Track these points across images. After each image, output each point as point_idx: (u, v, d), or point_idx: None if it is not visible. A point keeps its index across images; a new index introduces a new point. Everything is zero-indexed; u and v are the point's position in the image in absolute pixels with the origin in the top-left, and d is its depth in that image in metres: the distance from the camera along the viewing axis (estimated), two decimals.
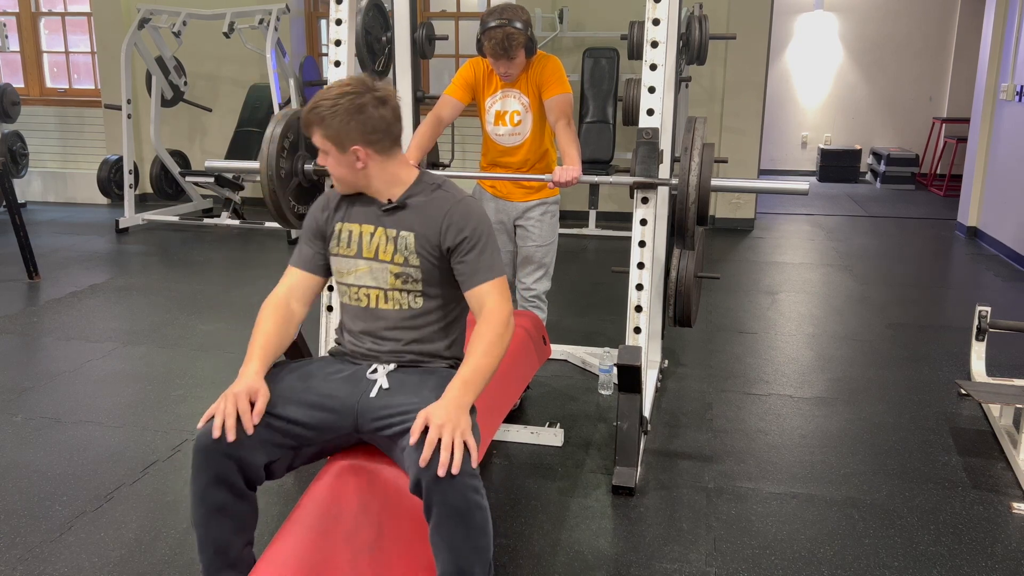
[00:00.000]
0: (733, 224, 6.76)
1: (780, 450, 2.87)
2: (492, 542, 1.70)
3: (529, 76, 2.98)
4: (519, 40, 2.83)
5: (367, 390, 1.83)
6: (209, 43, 6.96)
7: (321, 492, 1.82)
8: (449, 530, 1.64)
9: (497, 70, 2.93)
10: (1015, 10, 5.87)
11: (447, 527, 1.64)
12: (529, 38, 2.88)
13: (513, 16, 2.83)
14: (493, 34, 2.81)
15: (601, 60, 6.19)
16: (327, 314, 2.86)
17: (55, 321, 4.19)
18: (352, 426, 1.82)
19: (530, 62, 2.98)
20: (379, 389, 1.83)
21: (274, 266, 5.42)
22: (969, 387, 3.08)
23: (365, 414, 1.81)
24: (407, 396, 1.80)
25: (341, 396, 1.83)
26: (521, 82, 2.99)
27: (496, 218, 3.17)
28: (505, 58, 2.86)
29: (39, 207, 7.39)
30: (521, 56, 2.89)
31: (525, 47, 2.88)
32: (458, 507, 1.63)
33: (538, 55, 3.01)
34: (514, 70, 2.93)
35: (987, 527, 2.39)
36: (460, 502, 1.63)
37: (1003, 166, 5.99)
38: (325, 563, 1.76)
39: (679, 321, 3.12)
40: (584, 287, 4.78)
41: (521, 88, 2.99)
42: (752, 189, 3.11)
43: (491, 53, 2.86)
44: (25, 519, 2.37)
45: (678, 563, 2.19)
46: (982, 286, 5.13)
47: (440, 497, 1.62)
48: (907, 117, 9.45)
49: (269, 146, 2.70)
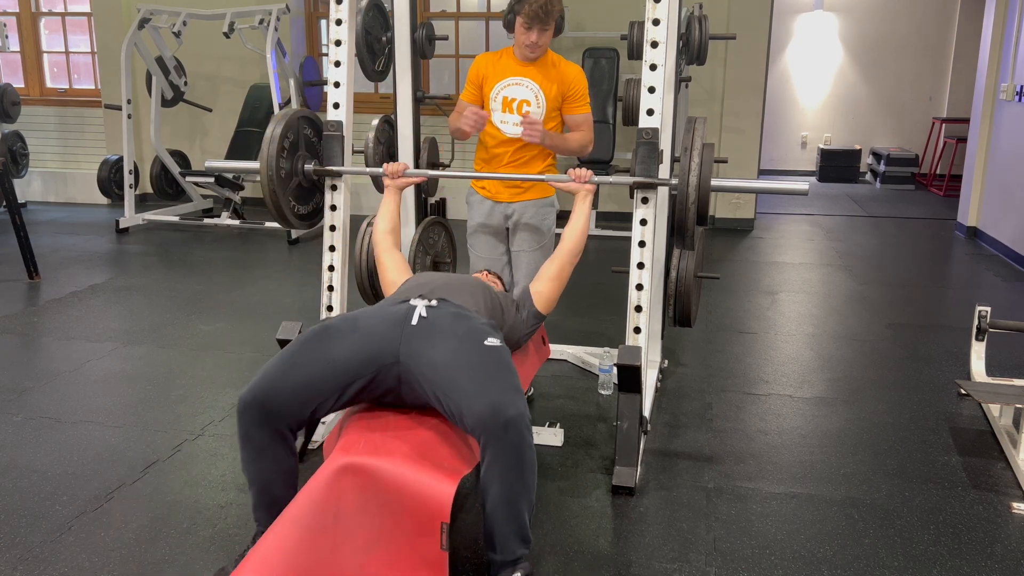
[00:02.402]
0: (733, 224, 6.76)
1: (780, 450, 2.87)
2: (536, 484, 1.96)
3: (553, 74, 2.95)
4: (557, 8, 2.83)
5: (408, 317, 2.07)
6: (209, 43, 6.96)
7: (318, 490, 1.82)
8: (504, 465, 1.87)
9: (527, 39, 2.86)
10: (1015, 10, 5.87)
11: (502, 462, 1.87)
12: (562, 14, 2.89)
13: None
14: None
15: (601, 60, 6.19)
16: (327, 314, 2.86)
17: (55, 321, 4.19)
18: (394, 355, 2.00)
19: (553, 59, 2.97)
20: (419, 317, 2.07)
21: (274, 266, 5.42)
22: (969, 387, 3.08)
23: (408, 343, 2.01)
24: (451, 323, 2.07)
25: (384, 329, 2.05)
26: (542, 76, 2.94)
27: (485, 220, 3.12)
28: (540, 25, 2.82)
29: (39, 207, 7.39)
30: (551, 29, 2.88)
31: (557, 22, 2.88)
32: (516, 444, 1.86)
33: (564, 60, 3.00)
34: (544, 41, 2.88)
35: (987, 527, 2.39)
36: (518, 439, 1.87)
37: (1003, 166, 5.99)
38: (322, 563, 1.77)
39: (679, 321, 3.12)
40: (584, 287, 4.78)
41: (539, 82, 2.95)
42: (752, 189, 3.11)
43: (528, 17, 2.80)
44: (25, 519, 2.37)
45: (678, 563, 2.19)
46: (982, 286, 5.13)
47: (501, 434, 1.85)
48: (907, 117, 9.45)
49: (269, 146, 2.70)
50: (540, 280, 2.50)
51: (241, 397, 1.96)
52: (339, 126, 2.81)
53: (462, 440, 2.04)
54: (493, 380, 1.94)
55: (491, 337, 2.08)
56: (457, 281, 2.38)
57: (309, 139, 2.87)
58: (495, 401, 1.87)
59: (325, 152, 2.84)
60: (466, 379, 1.94)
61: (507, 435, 1.86)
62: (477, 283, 2.42)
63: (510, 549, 1.94)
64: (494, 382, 1.94)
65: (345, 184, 2.88)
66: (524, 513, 1.94)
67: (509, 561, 1.94)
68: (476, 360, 1.99)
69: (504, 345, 2.11)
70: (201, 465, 2.71)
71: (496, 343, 2.07)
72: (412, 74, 3.34)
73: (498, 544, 1.94)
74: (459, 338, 2.04)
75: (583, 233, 2.52)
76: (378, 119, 3.32)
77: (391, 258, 2.59)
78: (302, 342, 2.07)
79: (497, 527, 1.92)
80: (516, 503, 1.91)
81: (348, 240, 2.93)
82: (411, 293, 2.24)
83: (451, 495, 1.82)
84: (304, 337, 2.10)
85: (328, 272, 2.86)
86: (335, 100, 2.83)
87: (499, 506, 1.90)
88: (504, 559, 1.94)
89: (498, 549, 1.94)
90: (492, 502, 1.91)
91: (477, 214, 3.15)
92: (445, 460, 1.93)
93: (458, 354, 1.99)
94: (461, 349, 2.00)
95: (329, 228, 2.88)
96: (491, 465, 1.88)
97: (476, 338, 2.05)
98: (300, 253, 5.80)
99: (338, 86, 2.82)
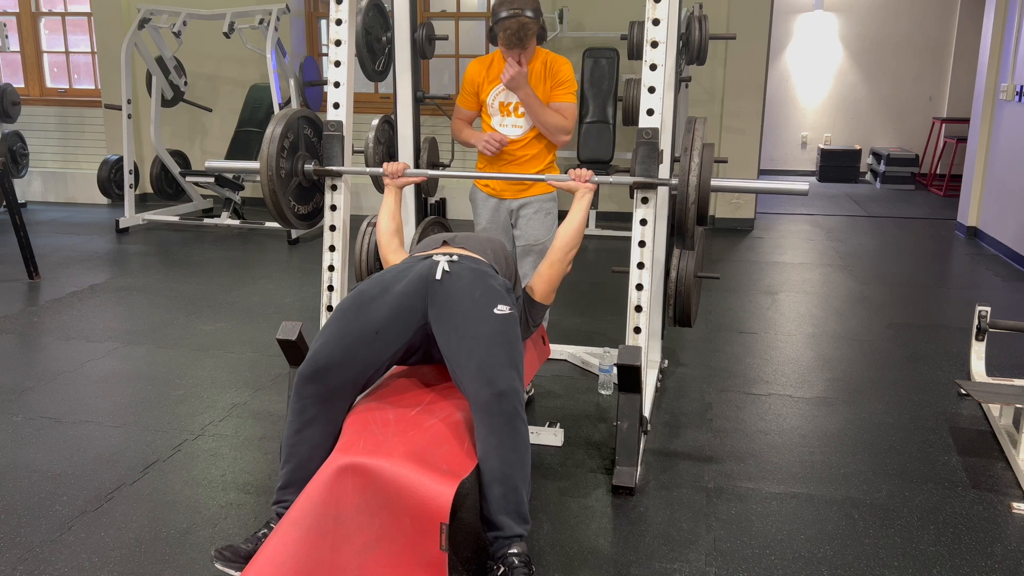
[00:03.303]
0: (733, 224, 6.76)
1: (780, 450, 2.87)
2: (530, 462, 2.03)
3: (543, 73, 3.01)
4: (532, 30, 2.89)
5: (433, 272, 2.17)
6: (209, 43, 6.96)
7: (318, 491, 1.82)
8: (499, 438, 1.96)
9: (509, 57, 2.95)
10: (1015, 10, 5.87)
11: (497, 435, 1.96)
12: (541, 26, 2.94)
13: (524, 5, 2.88)
14: (507, 24, 2.85)
15: (601, 60, 6.18)
16: (327, 314, 2.86)
17: (55, 321, 4.19)
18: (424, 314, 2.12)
19: (543, 59, 3.02)
20: (442, 271, 2.16)
21: (274, 266, 5.42)
22: (969, 387, 3.07)
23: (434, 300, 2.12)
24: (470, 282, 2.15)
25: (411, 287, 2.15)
26: (532, 77, 3.00)
27: (493, 216, 3.20)
28: (519, 47, 2.90)
29: (39, 207, 7.40)
30: (533, 44, 2.95)
31: (537, 35, 2.94)
32: (509, 415, 1.97)
33: (551, 54, 3.04)
34: (526, 58, 2.95)
35: (987, 527, 2.39)
36: (510, 411, 1.97)
37: (1003, 166, 5.99)
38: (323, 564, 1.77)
39: (679, 321, 3.12)
40: (584, 287, 4.78)
41: (531, 83, 2.99)
42: (752, 189, 3.11)
43: (505, 44, 2.90)
44: (25, 519, 2.37)
45: (678, 563, 2.19)
46: (982, 286, 5.12)
47: (494, 406, 1.95)
48: (907, 117, 9.45)
49: (269, 146, 2.70)
50: (534, 277, 2.51)
51: (300, 372, 2.06)
52: (339, 126, 2.81)
53: (462, 440, 2.04)
54: (494, 354, 2.03)
55: (502, 304, 2.15)
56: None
57: (309, 139, 2.87)
58: (491, 375, 1.98)
59: (325, 152, 2.84)
60: (469, 349, 2.04)
61: (499, 407, 1.96)
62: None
63: (508, 525, 1.98)
64: (495, 356, 2.03)
65: (345, 184, 2.88)
66: (521, 490, 2.00)
67: (505, 537, 1.99)
68: (483, 331, 2.07)
69: (513, 312, 2.19)
70: (201, 465, 2.71)
71: (506, 310, 2.15)
72: (412, 74, 3.34)
73: (496, 520, 1.99)
74: (475, 300, 2.12)
75: (578, 231, 2.53)
76: (378, 119, 3.32)
77: (399, 259, 2.61)
78: (343, 315, 2.15)
79: (494, 503, 1.98)
80: (511, 477, 1.98)
81: (348, 240, 2.93)
82: (433, 244, 2.38)
83: (451, 496, 1.82)
84: (343, 307, 2.18)
85: (328, 272, 2.87)
86: (335, 100, 2.83)
87: (495, 482, 1.97)
88: (500, 535, 1.99)
89: (496, 525, 1.99)
90: (488, 477, 1.98)
91: (483, 211, 3.23)
92: (445, 461, 1.93)
93: (469, 320, 2.08)
94: (473, 314, 2.10)
95: (329, 228, 2.88)
96: (486, 439, 1.98)
97: (489, 302, 2.13)
98: (300, 253, 5.80)
99: (338, 86, 2.82)
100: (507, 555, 1.97)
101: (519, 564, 1.95)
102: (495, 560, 1.99)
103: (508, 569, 1.95)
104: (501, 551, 1.98)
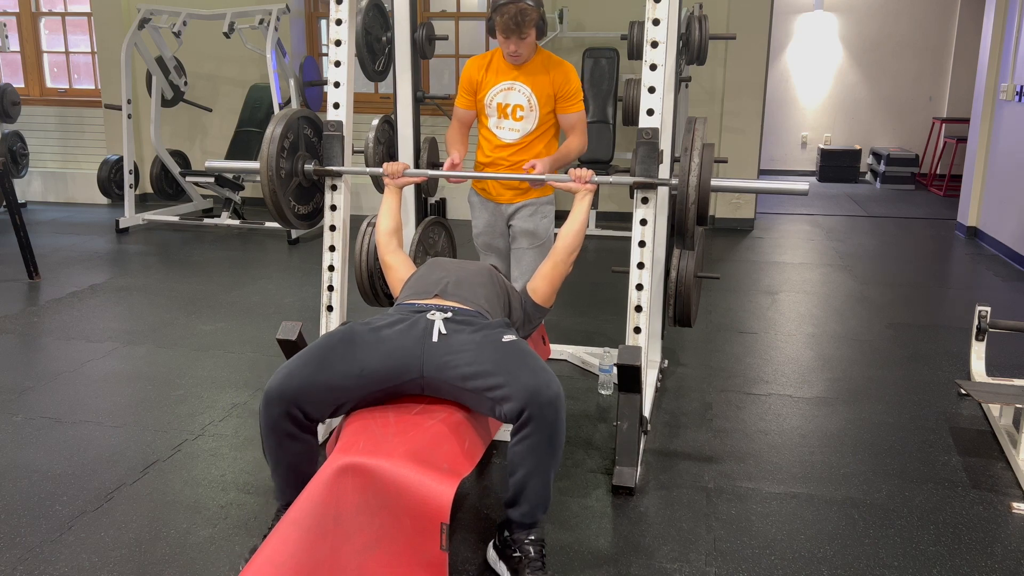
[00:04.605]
0: (733, 224, 6.76)
1: (780, 450, 2.87)
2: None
3: (544, 75, 2.94)
4: (531, 17, 2.80)
5: (428, 333, 2.12)
6: (209, 43, 6.96)
7: (318, 491, 1.82)
8: (538, 439, 1.99)
9: (506, 49, 2.88)
10: (1015, 10, 5.87)
11: (537, 437, 1.99)
12: (541, 16, 2.85)
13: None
14: (505, 9, 2.77)
15: (601, 60, 6.19)
16: (327, 314, 2.86)
17: (55, 321, 4.19)
18: (419, 370, 2.08)
19: (543, 58, 2.96)
20: (438, 333, 2.12)
21: (274, 266, 5.42)
22: (969, 387, 3.07)
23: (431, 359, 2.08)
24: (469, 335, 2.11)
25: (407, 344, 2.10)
26: (532, 79, 2.95)
27: (489, 220, 3.18)
28: (516, 35, 2.81)
29: (39, 207, 7.39)
30: (532, 35, 2.86)
31: (536, 26, 2.84)
32: (552, 420, 2.00)
33: (555, 58, 2.99)
34: (524, 50, 2.88)
35: (987, 527, 2.39)
36: (554, 416, 2.00)
37: (1003, 166, 5.99)
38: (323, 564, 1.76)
39: (679, 321, 3.12)
40: (584, 287, 4.78)
41: (530, 85, 2.95)
42: (752, 189, 3.11)
43: (502, 30, 2.81)
44: (25, 519, 2.37)
45: (678, 563, 2.19)
46: (982, 286, 5.13)
47: (539, 413, 1.97)
48: (907, 117, 9.45)
49: (269, 146, 2.70)
50: (536, 278, 2.52)
51: (268, 391, 2.01)
52: (339, 126, 2.81)
53: (462, 440, 2.04)
54: (523, 366, 2.05)
55: (507, 334, 2.17)
56: (468, 275, 2.42)
57: (309, 139, 2.87)
58: (532, 384, 1.99)
59: (325, 152, 2.84)
60: (498, 373, 2.03)
61: (545, 413, 1.99)
62: (489, 274, 2.47)
63: (532, 514, 2.07)
64: (525, 368, 2.05)
65: (345, 184, 2.88)
66: (551, 483, 2.07)
67: (527, 524, 2.08)
68: (500, 356, 2.08)
69: (520, 338, 2.21)
70: (201, 465, 2.71)
71: (512, 338, 2.16)
72: (412, 74, 3.34)
73: (522, 508, 2.06)
74: (478, 344, 2.11)
75: (580, 232, 2.53)
76: (378, 119, 3.32)
77: (397, 259, 2.62)
78: (329, 345, 2.11)
79: (526, 496, 2.04)
80: (546, 474, 2.04)
81: (348, 240, 2.93)
82: (427, 293, 2.32)
83: (451, 496, 1.82)
84: (331, 340, 2.14)
85: (328, 272, 2.87)
86: (335, 100, 2.83)
87: (530, 478, 2.02)
88: (523, 522, 2.08)
89: (521, 513, 2.07)
90: (523, 474, 2.02)
91: (480, 215, 3.20)
92: (445, 461, 1.93)
93: (482, 355, 2.08)
94: (483, 350, 2.09)
95: (329, 228, 2.88)
96: (525, 439, 2.00)
97: (494, 338, 2.14)
98: (300, 253, 5.80)
99: (338, 86, 2.82)
100: (523, 543, 2.06)
101: (535, 556, 2.05)
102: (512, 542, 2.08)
103: (524, 557, 2.04)
104: (520, 533, 2.08)
